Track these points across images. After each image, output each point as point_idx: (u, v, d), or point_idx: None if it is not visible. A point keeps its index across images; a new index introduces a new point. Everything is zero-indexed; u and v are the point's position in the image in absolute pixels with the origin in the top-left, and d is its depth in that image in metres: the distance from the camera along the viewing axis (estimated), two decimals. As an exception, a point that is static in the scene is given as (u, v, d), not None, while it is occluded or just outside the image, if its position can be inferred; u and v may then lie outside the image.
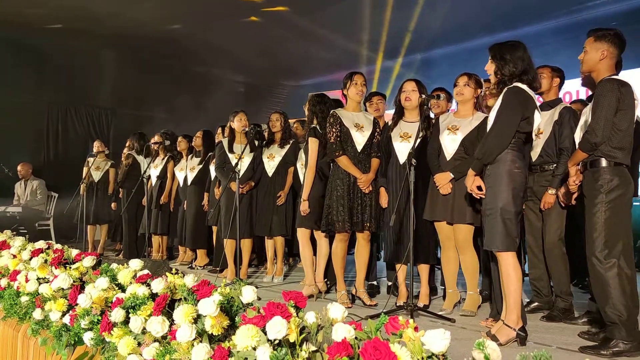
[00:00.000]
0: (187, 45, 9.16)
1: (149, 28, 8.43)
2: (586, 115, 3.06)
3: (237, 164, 4.68)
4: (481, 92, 3.79)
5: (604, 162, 2.86)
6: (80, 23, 8.07)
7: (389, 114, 4.44)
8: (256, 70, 10.79)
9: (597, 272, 2.81)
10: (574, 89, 7.28)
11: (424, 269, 3.98)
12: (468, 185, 3.10)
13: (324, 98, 4.37)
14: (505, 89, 2.97)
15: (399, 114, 4.04)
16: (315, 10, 7.87)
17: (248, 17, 8.21)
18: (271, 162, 5.25)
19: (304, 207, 4.24)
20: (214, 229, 5.92)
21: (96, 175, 7.37)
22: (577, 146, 3.09)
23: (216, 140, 6.08)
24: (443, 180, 3.64)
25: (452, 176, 3.62)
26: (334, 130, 3.96)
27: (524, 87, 2.94)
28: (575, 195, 3.32)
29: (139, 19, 8.03)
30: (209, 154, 6.10)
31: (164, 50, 9.38)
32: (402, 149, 3.92)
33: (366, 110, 4.65)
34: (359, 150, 3.99)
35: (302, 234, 4.36)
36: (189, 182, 6.25)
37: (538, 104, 3.06)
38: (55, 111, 9.65)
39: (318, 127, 4.24)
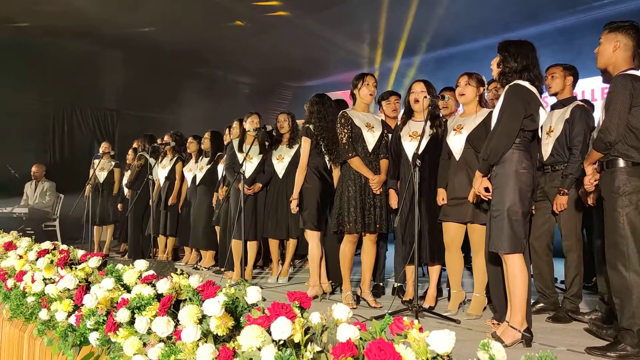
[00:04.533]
0: (192, 46, 9.19)
1: (154, 29, 8.47)
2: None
3: (242, 164, 4.69)
4: (484, 89, 3.77)
5: (621, 163, 2.74)
6: (86, 24, 8.11)
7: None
8: (261, 72, 10.81)
9: (621, 277, 2.70)
10: (579, 89, 7.27)
11: (435, 270, 3.96)
12: (475, 187, 3.09)
13: (323, 98, 4.36)
14: (507, 87, 2.97)
15: (408, 113, 4.04)
16: (320, 10, 7.88)
17: (252, 18, 8.23)
18: (281, 164, 5.25)
19: (292, 205, 4.25)
20: (217, 228, 5.94)
21: (101, 176, 7.40)
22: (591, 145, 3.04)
23: (225, 141, 6.10)
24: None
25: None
26: (345, 131, 3.95)
27: (525, 83, 2.92)
28: (593, 195, 3.24)
29: (144, 20, 8.07)
30: (218, 154, 6.12)
31: (169, 52, 9.41)
32: (411, 148, 3.91)
33: (381, 109, 4.66)
34: (370, 151, 3.99)
35: (311, 235, 4.35)
36: (197, 182, 6.27)
37: (543, 102, 3.04)
38: (60, 112, 9.72)
39: (311, 127, 4.24)
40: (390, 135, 4.18)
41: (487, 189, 3.01)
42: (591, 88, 7.34)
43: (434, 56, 9.28)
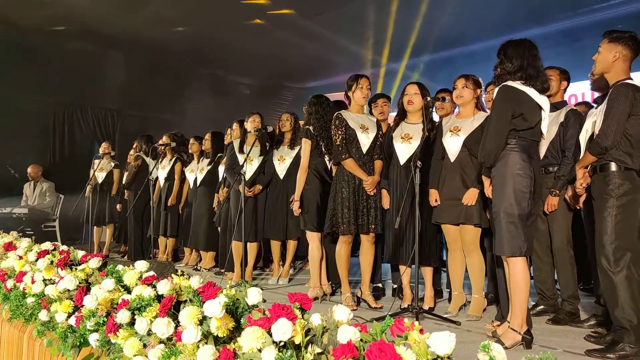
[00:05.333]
0: (193, 47, 9.19)
1: (155, 30, 8.46)
2: (593, 117, 3.03)
3: (242, 165, 4.68)
4: (481, 91, 3.77)
5: (613, 167, 2.84)
6: (86, 24, 8.11)
7: (392, 116, 4.44)
8: (262, 72, 10.81)
9: (607, 276, 2.80)
10: (579, 90, 7.28)
11: (427, 272, 3.96)
12: (485, 191, 3.11)
13: (321, 99, 4.37)
14: (496, 89, 2.99)
15: (401, 115, 4.04)
16: (321, 12, 7.88)
17: (254, 19, 8.24)
18: (282, 164, 5.23)
19: (295, 207, 4.25)
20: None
21: (100, 177, 7.38)
22: (582, 148, 3.07)
23: (226, 142, 6.09)
24: (472, 198, 3.56)
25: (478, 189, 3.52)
26: (339, 132, 3.96)
27: (515, 84, 2.92)
28: (582, 198, 3.30)
29: (145, 20, 8.06)
30: (218, 155, 6.12)
31: (170, 52, 9.42)
32: (403, 150, 3.92)
33: (371, 112, 4.65)
34: (364, 152, 3.99)
35: (312, 236, 4.34)
36: (197, 183, 6.26)
37: (546, 101, 3.02)
38: (61, 112, 9.69)
39: (311, 129, 4.24)
40: (384, 136, 4.19)
41: None
42: (591, 91, 7.32)
43: (436, 58, 9.28)
